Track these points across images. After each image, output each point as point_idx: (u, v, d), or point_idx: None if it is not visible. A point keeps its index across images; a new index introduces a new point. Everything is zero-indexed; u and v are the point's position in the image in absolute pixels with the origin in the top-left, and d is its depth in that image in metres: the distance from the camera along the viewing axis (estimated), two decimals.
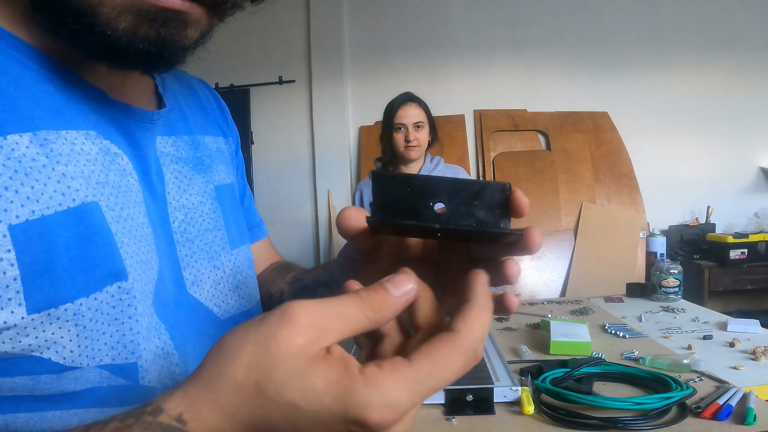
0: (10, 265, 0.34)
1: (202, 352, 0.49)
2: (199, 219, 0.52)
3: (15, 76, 0.37)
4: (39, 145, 0.36)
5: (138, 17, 0.36)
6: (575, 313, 1.85)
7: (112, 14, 0.35)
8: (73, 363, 0.37)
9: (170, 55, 0.39)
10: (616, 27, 3.52)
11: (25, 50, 0.38)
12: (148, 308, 0.42)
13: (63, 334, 0.36)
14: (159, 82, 0.53)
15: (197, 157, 0.54)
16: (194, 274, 0.51)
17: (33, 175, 0.35)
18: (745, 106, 3.49)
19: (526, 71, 3.57)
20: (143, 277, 0.42)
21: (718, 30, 3.48)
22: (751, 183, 3.53)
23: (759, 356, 1.29)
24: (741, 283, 3.08)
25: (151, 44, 0.37)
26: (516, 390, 1.06)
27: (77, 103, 0.41)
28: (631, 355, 1.32)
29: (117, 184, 0.42)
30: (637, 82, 3.51)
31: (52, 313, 0.35)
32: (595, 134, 3.49)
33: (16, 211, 0.34)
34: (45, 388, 0.37)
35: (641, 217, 3.35)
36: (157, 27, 0.37)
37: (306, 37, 3.60)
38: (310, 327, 0.27)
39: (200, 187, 0.53)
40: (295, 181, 3.65)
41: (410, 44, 3.59)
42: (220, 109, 0.65)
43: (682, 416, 0.95)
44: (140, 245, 0.42)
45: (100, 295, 0.38)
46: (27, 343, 0.35)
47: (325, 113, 3.59)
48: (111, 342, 0.39)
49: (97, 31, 0.35)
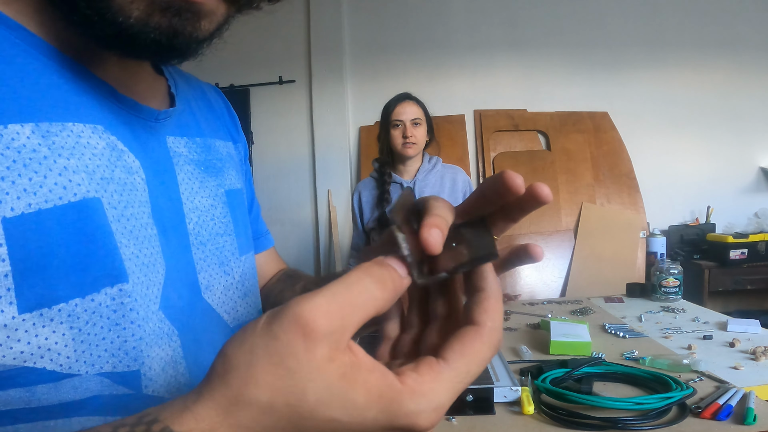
0: (1, 260, 0.32)
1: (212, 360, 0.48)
2: (211, 222, 0.51)
3: (21, 66, 0.36)
4: (41, 136, 0.35)
5: (151, 6, 0.35)
6: (575, 313, 1.85)
7: (125, 2, 0.35)
8: (70, 370, 0.35)
9: (182, 47, 0.38)
10: (616, 27, 3.52)
11: (34, 42, 0.38)
12: (154, 313, 0.41)
13: (57, 339, 0.34)
14: (172, 83, 0.52)
15: (209, 160, 0.53)
16: (208, 279, 0.49)
17: (32, 166, 0.34)
18: (745, 106, 3.49)
19: (526, 71, 3.57)
20: (146, 281, 0.40)
21: (718, 30, 3.48)
22: (751, 183, 3.53)
23: (759, 356, 1.29)
24: (741, 283, 3.08)
25: (162, 34, 0.36)
26: (516, 390, 1.06)
27: (85, 97, 0.40)
28: (631, 355, 1.32)
29: (122, 182, 0.40)
30: (637, 82, 3.51)
31: (44, 314, 0.34)
32: (595, 134, 3.49)
33: (12, 203, 0.33)
34: (42, 399, 0.35)
35: (641, 217, 3.34)
36: (170, 17, 0.36)
37: (306, 37, 3.59)
38: (326, 334, 0.26)
39: (212, 190, 0.52)
40: (295, 181, 3.65)
41: (410, 44, 3.59)
42: (230, 116, 0.64)
43: (682, 416, 0.95)
44: (142, 247, 0.40)
45: (97, 297, 0.36)
46: (19, 350, 0.33)
47: (325, 113, 3.58)
48: (111, 348, 0.37)
49: (109, 17, 0.35)
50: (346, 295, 0.27)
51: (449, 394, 0.27)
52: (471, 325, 0.29)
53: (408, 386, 0.26)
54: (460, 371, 0.28)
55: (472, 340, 0.28)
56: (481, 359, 0.29)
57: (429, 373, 0.27)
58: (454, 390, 0.28)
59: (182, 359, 0.44)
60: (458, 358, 0.28)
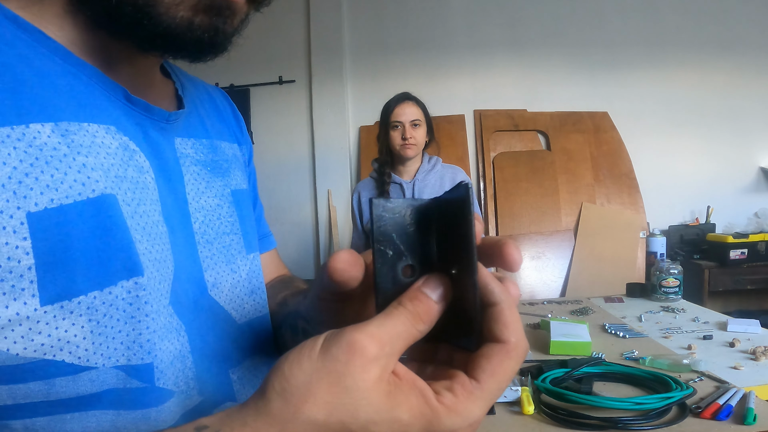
0: (25, 253, 0.33)
1: (220, 355, 0.49)
2: (217, 222, 0.52)
3: (39, 68, 0.37)
4: (60, 135, 0.37)
5: (196, 6, 0.38)
6: (575, 313, 1.85)
7: (172, 3, 0.37)
8: (87, 363, 0.36)
9: (219, 44, 0.41)
10: (616, 27, 3.52)
11: (50, 44, 0.39)
12: (165, 308, 0.42)
13: (76, 332, 0.36)
14: (179, 86, 0.54)
15: (215, 161, 0.55)
16: (215, 277, 0.50)
17: (53, 163, 0.35)
18: (745, 106, 3.49)
19: (526, 71, 3.57)
20: (158, 276, 0.41)
21: (718, 30, 3.48)
22: (751, 183, 3.53)
23: (759, 356, 1.29)
24: (741, 283, 3.08)
25: (204, 33, 0.39)
26: (516, 390, 1.06)
27: (98, 98, 0.41)
28: (631, 355, 1.32)
29: (134, 180, 0.41)
30: (637, 82, 3.51)
31: (65, 306, 0.35)
32: (595, 134, 3.49)
33: (36, 198, 0.34)
34: (61, 392, 0.36)
35: (641, 217, 3.35)
36: (212, 16, 0.39)
37: (306, 37, 3.60)
38: (378, 357, 0.28)
39: (218, 190, 0.53)
40: (295, 181, 3.65)
41: (410, 44, 3.59)
42: (236, 118, 0.65)
43: (682, 416, 0.95)
44: (154, 243, 0.42)
45: (114, 290, 0.37)
46: (40, 342, 0.34)
47: (325, 113, 3.58)
48: (127, 341, 0.38)
49: (156, 20, 0.37)
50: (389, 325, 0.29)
51: (482, 411, 0.30)
52: (496, 342, 0.30)
53: (445, 406, 0.29)
54: (491, 390, 0.30)
55: (500, 360, 0.30)
56: (510, 374, 0.30)
57: (463, 393, 0.29)
58: (486, 406, 0.30)
59: (189, 353, 0.45)
60: (488, 378, 0.30)
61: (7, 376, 0.34)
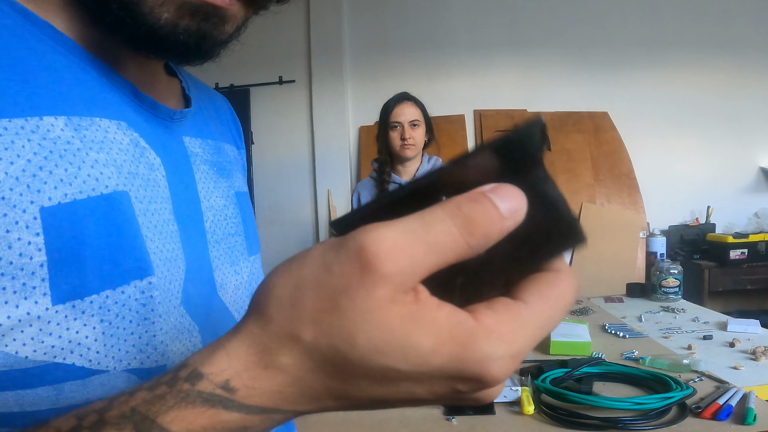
0: (37, 250, 0.32)
1: None
2: (224, 222, 0.52)
3: (50, 61, 0.37)
4: (73, 129, 0.36)
5: (181, 9, 0.37)
6: (575, 313, 1.85)
7: (156, 4, 0.36)
8: (98, 366, 0.35)
9: (206, 49, 0.40)
10: (616, 27, 3.52)
11: (60, 39, 0.38)
12: (176, 308, 0.41)
13: (88, 333, 0.34)
14: (185, 85, 0.53)
15: (220, 162, 0.54)
16: (221, 277, 0.50)
17: (67, 158, 0.34)
18: (745, 106, 3.49)
19: (526, 71, 3.57)
20: (169, 275, 0.40)
21: (718, 30, 3.48)
22: (751, 183, 3.53)
23: (759, 356, 1.29)
24: (741, 283, 3.08)
25: (190, 37, 0.38)
26: (516, 390, 1.06)
27: (109, 94, 0.40)
28: (631, 355, 1.32)
29: (146, 178, 0.41)
30: (637, 82, 3.51)
31: (77, 305, 0.33)
32: (595, 134, 3.49)
33: (49, 192, 0.33)
34: (69, 397, 0.34)
35: (641, 217, 3.35)
36: (198, 21, 0.38)
37: (306, 37, 3.60)
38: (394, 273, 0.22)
39: (224, 190, 0.53)
40: (295, 181, 3.65)
41: (410, 44, 3.59)
42: (234, 124, 0.66)
43: (682, 416, 0.95)
44: (165, 242, 0.41)
45: (127, 289, 0.36)
46: (50, 344, 0.33)
47: (325, 113, 3.58)
48: (139, 344, 0.37)
49: (140, 19, 0.36)
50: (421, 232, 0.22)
51: (530, 341, 0.23)
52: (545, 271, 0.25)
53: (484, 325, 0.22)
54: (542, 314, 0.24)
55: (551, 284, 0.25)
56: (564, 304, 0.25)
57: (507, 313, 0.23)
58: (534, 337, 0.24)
59: None
60: (537, 300, 0.24)
61: (14, 381, 0.32)
